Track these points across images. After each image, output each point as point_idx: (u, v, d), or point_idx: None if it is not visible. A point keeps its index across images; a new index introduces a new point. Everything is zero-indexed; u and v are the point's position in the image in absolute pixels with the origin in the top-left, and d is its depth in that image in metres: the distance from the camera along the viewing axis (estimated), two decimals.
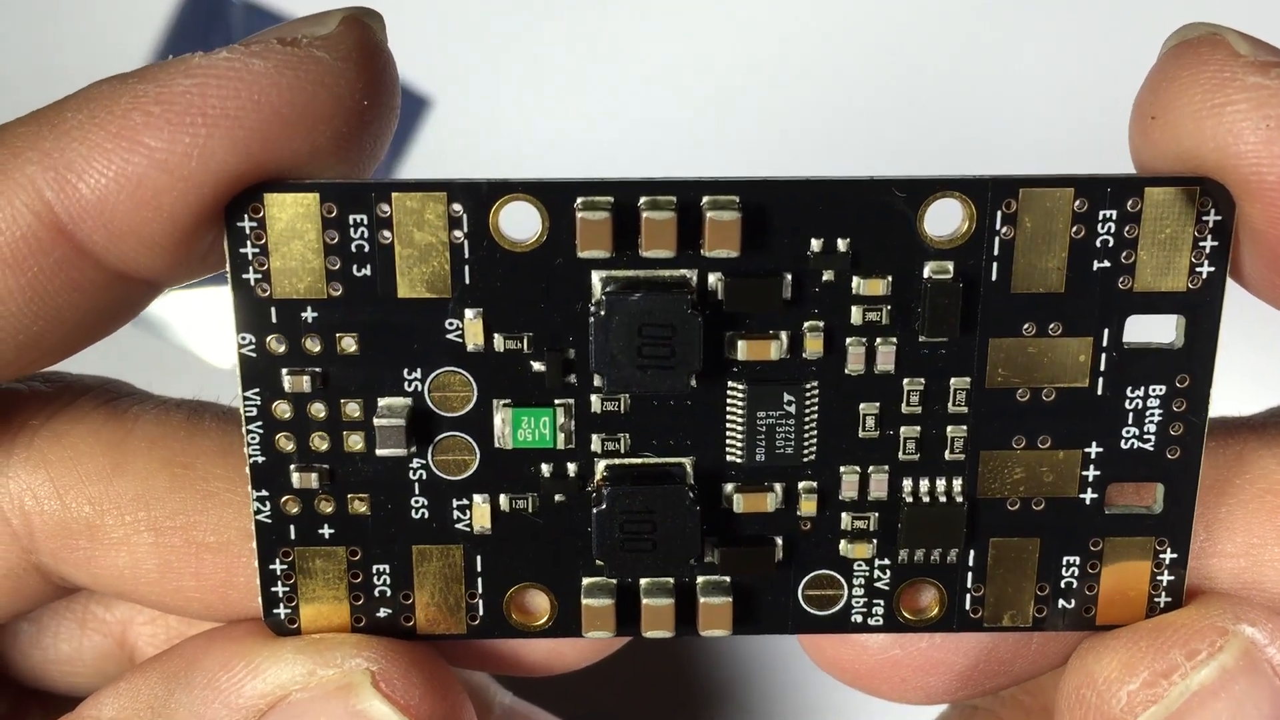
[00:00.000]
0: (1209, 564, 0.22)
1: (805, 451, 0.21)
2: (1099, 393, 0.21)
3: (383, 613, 0.22)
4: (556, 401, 0.21)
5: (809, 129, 0.43)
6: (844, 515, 0.22)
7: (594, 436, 0.21)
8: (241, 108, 0.19)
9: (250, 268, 0.20)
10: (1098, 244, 0.20)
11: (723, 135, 0.44)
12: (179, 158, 0.19)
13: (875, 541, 0.22)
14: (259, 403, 0.21)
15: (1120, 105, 0.21)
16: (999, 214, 0.20)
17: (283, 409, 0.21)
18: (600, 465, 0.21)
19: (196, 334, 0.23)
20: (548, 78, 0.44)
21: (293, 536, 0.22)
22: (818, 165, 0.22)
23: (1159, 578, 0.22)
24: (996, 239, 0.20)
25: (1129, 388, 0.21)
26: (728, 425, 0.21)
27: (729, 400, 0.21)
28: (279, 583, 0.22)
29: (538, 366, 0.21)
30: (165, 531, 0.22)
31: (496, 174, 0.20)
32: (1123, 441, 0.21)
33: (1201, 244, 0.20)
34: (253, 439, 0.21)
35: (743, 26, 0.44)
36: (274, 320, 0.21)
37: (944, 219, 0.20)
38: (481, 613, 0.22)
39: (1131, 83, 0.20)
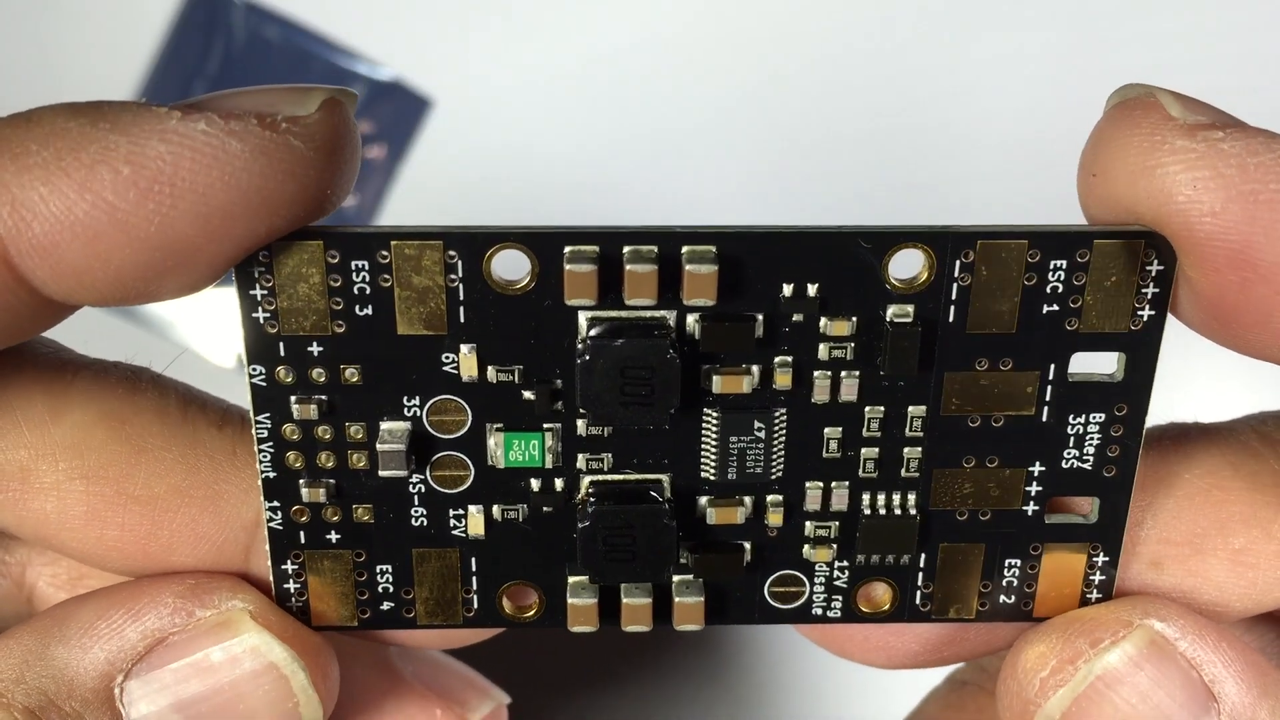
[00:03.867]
0: (1156, 550, 0.24)
1: (773, 471, 0.23)
2: (1044, 419, 0.23)
3: (386, 606, 0.24)
4: (545, 426, 0.23)
5: (808, 138, 0.43)
6: (807, 524, 0.24)
7: (579, 455, 0.23)
8: (210, 186, 0.19)
9: (260, 307, 0.22)
10: (1048, 290, 0.22)
11: (720, 135, 0.44)
12: (140, 220, 0.19)
13: (835, 546, 0.24)
14: (269, 426, 0.23)
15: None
16: (958, 263, 0.22)
17: (291, 431, 0.23)
18: (585, 481, 0.23)
19: (198, 334, 0.24)
20: (548, 78, 0.44)
21: (303, 541, 0.24)
22: (813, 173, 0.23)
23: (1091, 577, 0.24)
24: (955, 285, 0.22)
25: (1071, 415, 0.23)
26: (702, 447, 0.23)
27: (704, 425, 0.23)
28: (290, 580, 0.24)
29: (528, 395, 0.23)
30: (97, 480, 0.23)
31: (496, 176, 0.21)
32: (1064, 462, 0.23)
33: (1144, 290, 0.22)
34: (264, 456, 0.23)
35: (745, 33, 0.43)
36: (282, 354, 0.22)
37: (906, 265, 0.22)
38: (476, 606, 0.24)
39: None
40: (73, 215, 0.19)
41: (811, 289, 0.22)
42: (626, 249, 0.21)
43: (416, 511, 0.24)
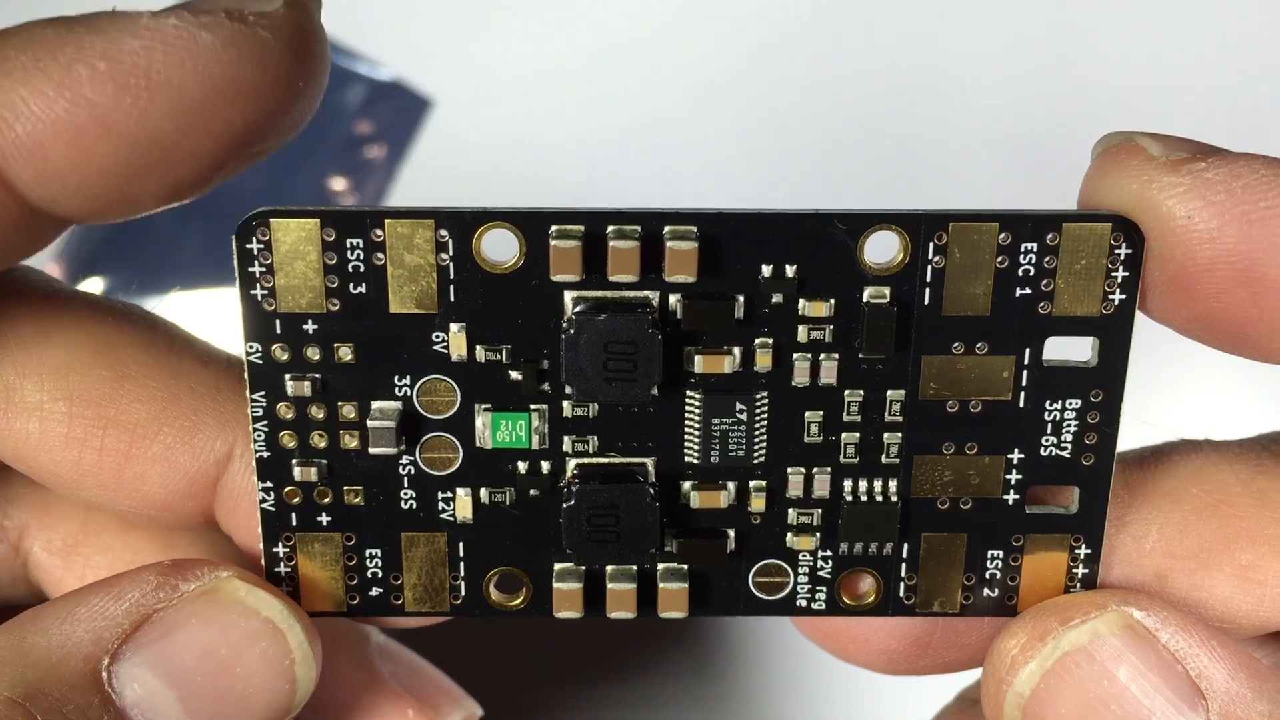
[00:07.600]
0: (1161, 563, 0.24)
1: (755, 454, 0.24)
2: (1021, 405, 0.24)
3: (374, 592, 0.25)
4: (532, 406, 0.23)
5: (808, 139, 0.44)
6: (790, 511, 0.24)
7: (565, 438, 0.24)
8: (185, 78, 0.20)
9: (258, 285, 0.22)
10: (1020, 273, 0.23)
11: (720, 136, 0.45)
12: (119, 115, 0.20)
13: (818, 535, 0.24)
14: (265, 404, 0.23)
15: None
16: (931, 245, 0.22)
17: (285, 410, 0.23)
18: (571, 464, 0.24)
19: (198, 334, 0.25)
20: (548, 77, 0.45)
21: (294, 523, 0.24)
22: (813, 173, 0.24)
23: (1074, 570, 0.25)
24: (929, 267, 0.23)
25: (1048, 401, 0.23)
26: (686, 430, 0.24)
27: (687, 408, 0.23)
28: (282, 563, 0.24)
29: (515, 375, 0.23)
30: (79, 402, 0.23)
31: (496, 175, 0.22)
32: (1042, 449, 0.24)
33: (1114, 274, 0.23)
34: (259, 436, 0.23)
35: (742, 31, 0.45)
36: (278, 331, 0.23)
37: (882, 248, 0.23)
38: (464, 593, 0.25)
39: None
40: (53, 113, 0.20)
41: (790, 270, 0.23)
42: (610, 228, 0.22)
43: (406, 494, 0.24)
